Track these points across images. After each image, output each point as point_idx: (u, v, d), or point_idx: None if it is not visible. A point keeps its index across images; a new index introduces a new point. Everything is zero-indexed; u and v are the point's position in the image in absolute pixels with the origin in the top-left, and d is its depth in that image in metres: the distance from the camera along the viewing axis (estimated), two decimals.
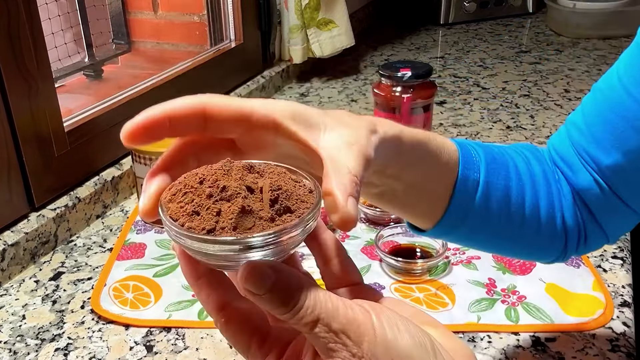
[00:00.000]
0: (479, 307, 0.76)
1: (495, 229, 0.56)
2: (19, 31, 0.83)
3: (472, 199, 0.53)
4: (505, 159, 0.57)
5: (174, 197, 0.37)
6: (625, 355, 0.69)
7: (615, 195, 0.57)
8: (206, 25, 1.38)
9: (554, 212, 0.58)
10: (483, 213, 0.54)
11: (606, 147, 0.56)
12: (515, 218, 0.56)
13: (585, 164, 0.57)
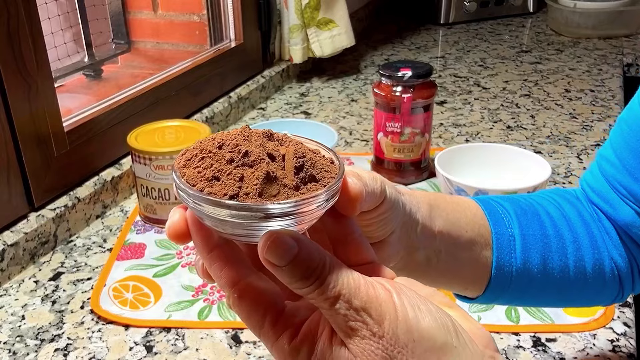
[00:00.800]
0: (480, 307, 0.76)
1: (540, 285, 0.55)
2: (18, 31, 0.83)
3: (512, 258, 0.52)
4: (535, 208, 0.56)
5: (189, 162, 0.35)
6: (626, 356, 0.69)
7: None
8: (206, 25, 1.37)
9: (601, 255, 0.56)
10: (526, 270, 0.53)
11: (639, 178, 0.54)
12: (559, 269, 0.54)
13: (623, 197, 0.55)
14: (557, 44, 1.83)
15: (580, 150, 1.17)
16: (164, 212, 0.94)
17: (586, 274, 0.55)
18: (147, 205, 0.94)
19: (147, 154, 0.90)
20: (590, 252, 0.55)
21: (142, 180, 0.93)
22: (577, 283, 0.55)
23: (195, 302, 0.78)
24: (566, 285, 0.55)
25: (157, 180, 0.92)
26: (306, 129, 1.15)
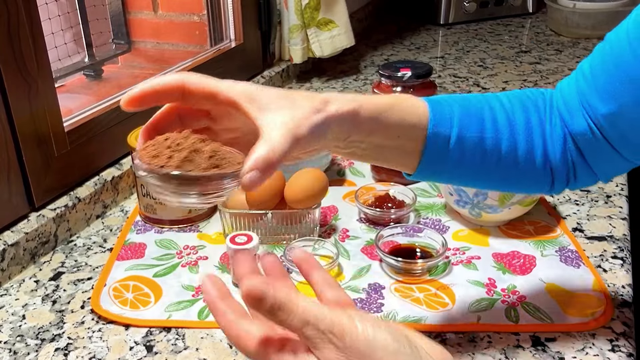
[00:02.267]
0: (479, 307, 0.76)
1: (474, 175, 0.64)
2: (18, 31, 0.83)
3: (444, 152, 0.60)
4: (481, 110, 0.63)
5: (145, 148, 0.52)
6: (625, 356, 0.69)
7: (606, 140, 0.61)
8: (206, 25, 1.38)
9: (534, 156, 0.63)
10: (458, 163, 0.61)
11: (604, 97, 0.60)
12: (492, 165, 0.62)
13: (584, 110, 0.62)
14: (556, 44, 1.83)
15: None
16: (164, 212, 0.94)
17: (518, 165, 0.63)
18: (147, 206, 0.94)
19: None
20: (524, 149, 0.62)
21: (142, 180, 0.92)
22: (509, 173, 0.63)
23: (196, 302, 0.79)
24: (497, 174, 0.63)
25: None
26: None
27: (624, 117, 0.59)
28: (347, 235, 0.92)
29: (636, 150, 0.62)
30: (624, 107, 0.59)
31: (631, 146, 0.61)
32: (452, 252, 0.87)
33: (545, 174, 0.64)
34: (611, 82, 0.59)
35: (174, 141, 0.51)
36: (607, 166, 0.64)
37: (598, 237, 0.90)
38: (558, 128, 0.63)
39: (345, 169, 1.13)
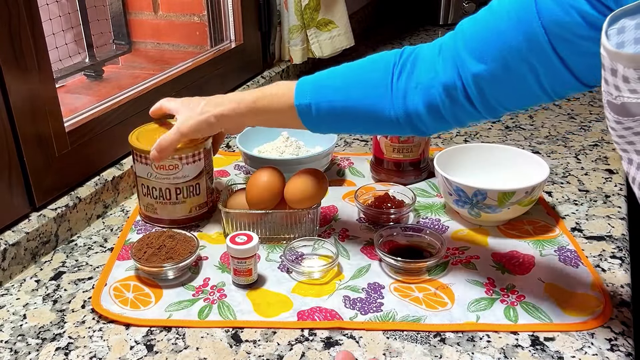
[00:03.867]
0: (478, 306, 0.77)
1: (341, 128, 0.83)
2: (20, 32, 0.83)
3: (311, 117, 0.81)
4: (335, 80, 0.80)
5: (138, 241, 0.86)
6: (624, 355, 0.69)
7: (466, 95, 0.71)
8: (206, 26, 1.38)
9: (380, 108, 0.76)
10: (325, 122, 0.81)
11: (476, 57, 0.68)
12: (349, 120, 0.79)
13: (457, 66, 0.70)
14: None
15: (578, 150, 1.18)
16: (165, 211, 0.94)
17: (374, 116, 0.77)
18: (147, 205, 0.95)
19: (148, 154, 0.90)
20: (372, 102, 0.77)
21: (143, 180, 0.93)
22: (370, 125, 0.80)
23: (196, 302, 0.79)
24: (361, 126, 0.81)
25: (158, 180, 0.92)
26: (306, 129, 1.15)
27: (489, 81, 0.68)
28: (346, 235, 0.93)
29: (491, 110, 0.71)
30: (492, 71, 0.67)
31: (488, 106, 0.71)
32: (451, 251, 0.87)
33: (394, 122, 0.77)
34: (485, 45, 0.67)
35: (150, 240, 0.85)
36: (463, 116, 0.74)
37: (597, 237, 0.90)
38: (402, 82, 0.75)
39: (345, 169, 1.13)
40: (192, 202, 0.94)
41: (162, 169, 0.90)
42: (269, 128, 1.14)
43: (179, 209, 0.94)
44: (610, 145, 1.19)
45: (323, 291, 0.80)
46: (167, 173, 0.91)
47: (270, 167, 0.91)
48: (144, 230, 0.95)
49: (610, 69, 0.54)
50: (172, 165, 0.90)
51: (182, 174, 0.91)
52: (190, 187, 0.93)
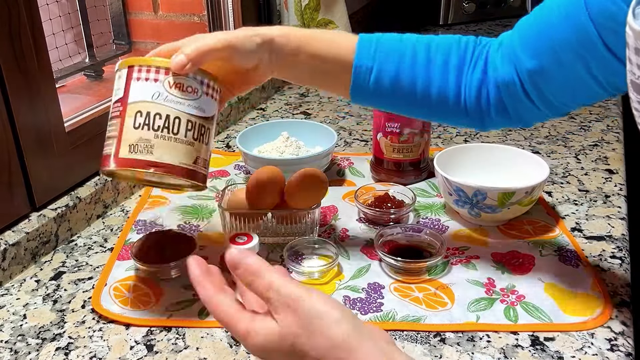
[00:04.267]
0: (478, 306, 0.77)
1: (396, 105, 0.76)
2: (19, 32, 0.83)
3: (366, 83, 0.73)
4: (405, 49, 0.73)
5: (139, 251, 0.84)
6: (624, 355, 0.69)
7: (524, 91, 0.71)
8: (206, 26, 1.38)
9: (446, 93, 0.73)
10: (379, 93, 0.74)
11: (530, 54, 0.68)
12: (408, 98, 0.74)
13: (513, 62, 0.71)
14: None
15: (578, 150, 1.18)
16: (165, 151, 0.68)
17: (431, 98, 0.74)
18: (139, 142, 0.68)
19: (164, 68, 0.69)
20: (438, 86, 0.73)
21: (142, 105, 0.68)
22: (426, 103, 0.74)
23: (196, 302, 0.79)
24: (415, 103, 0.75)
25: (167, 104, 0.68)
26: (306, 129, 1.15)
27: (544, 76, 0.68)
28: (346, 235, 0.93)
29: (551, 106, 0.71)
30: (545, 66, 0.67)
31: (547, 103, 0.71)
32: (452, 251, 0.87)
33: (458, 111, 0.74)
34: (538, 41, 0.68)
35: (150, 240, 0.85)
36: (526, 114, 0.73)
37: (597, 237, 0.90)
38: (478, 73, 0.73)
39: (345, 169, 1.13)
40: (199, 149, 0.70)
41: (179, 88, 0.68)
42: (269, 128, 1.15)
43: (184, 152, 0.69)
44: (610, 145, 1.19)
45: (323, 291, 0.80)
46: (182, 96, 0.69)
47: (270, 167, 0.91)
48: (144, 230, 0.95)
49: (634, 48, 0.53)
50: (192, 88, 0.69)
51: (198, 105, 0.70)
52: (202, 128, 0.70)
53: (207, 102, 0.70)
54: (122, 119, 0.68)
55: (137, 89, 0.68)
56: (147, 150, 0.67)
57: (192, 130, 0.69)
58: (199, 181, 0.71)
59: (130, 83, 0.69)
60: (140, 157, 0.67)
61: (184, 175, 0.69)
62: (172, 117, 0.68)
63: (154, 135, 0.67)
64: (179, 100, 0.68)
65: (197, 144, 0.70)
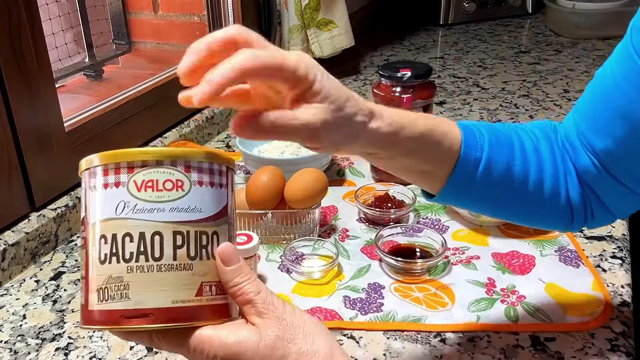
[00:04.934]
0: (479, 306, 0.77)
1: (496, 204, 0.62)
2: (19, 31, 0.83)
3: (472, 176, 0.59)
4: (510, 138, 0.61)
5: None
6: (624, 355, 0.69)
7: (611, 176, 0.60)
8: (206, 26, 1.38)
9: (559, 189, 0.62)
10: (484, 188, 0.59)
11: (599, 133, 0.60)
12: (518, 194, 0.61)
13: (583, 146, 0.61)
14: (555, 44, 1.83)
15: None
16: (149, 289, 0.45)
17: (543, 198, 0.62)
18: (107, 283, 0.45)
19: (125, 163, 0.47)
20: (550, 182, 0.61)
21: (105, 226, 0.46)
22: (532, 203, 0.62)
23: None
24: (521, 203, 0.62)
25: (142, 217, 0.45)
26: None
27: (621, 152, 0.59)
28: (347, 235, 0.93)
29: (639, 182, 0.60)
30: (619, 142, 0.58)
31: (637, 179, 0.60)
32: (452, 252, 0.87)
33: (565, 211, 0.63)
34: (602, 119, 0.59)
35: None
36: (620, 202, 0.63)
37: (597, 237, 0.90)
38: (570, 164, 0.63)
39: (345, 169, 1.13)
40: (205, 270, 0.47)
41: (152, 188, 0.46)
42: None
43: (176, 283, 0.46)
44: None
45: (323, 291, 0.80)
46: (158, 199, 0.46)
47: (270, 167, 0.91)
48: None
49: None
50: (173, 182, 0.46)
51: (187, 204, 0.46)
52: (202, 237, 0.47)
53: (204, 194, 0.47)
54: (86, 251, 0.47)
55: (94, 203, 0.47)
56: (121, 294, 0.45)
57: (184, 245, 0.46)
58: (214, 319, 0.47)
59: (87, 196, 0.49)
60: (112, 306, 0.45)
61: (186, 319, 0.46)
62: (149, 235, 0.45)
63: (126, 269, 0.45)
64: (155, 206, 0.46)
65: (198, 264, 0.46)
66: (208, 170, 0.48)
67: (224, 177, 0.49)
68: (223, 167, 0.49)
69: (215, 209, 0.48)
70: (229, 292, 0.48)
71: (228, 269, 0.47)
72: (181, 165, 0.46)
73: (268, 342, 0.47)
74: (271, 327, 0.47)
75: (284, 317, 0.48)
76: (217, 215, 0.48)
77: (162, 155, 0.46)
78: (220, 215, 0.48)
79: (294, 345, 0.47)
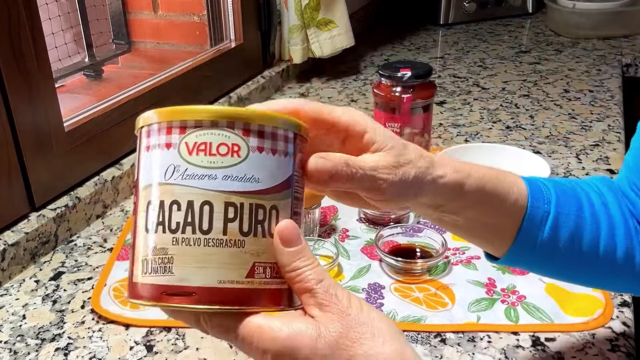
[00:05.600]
0: (479, 307, 0.77)
1: (566, 262, 0.56)
2: (19, 31, 0.83)
3: (540, 232, 0.54)
4: (577, 192, 0.57)
5: None
6: (624, 355, 0.69)
7: None
8: (206, 25, 1.38)
9: (633, 250, 0.57)
10: (552, 245, 0.55)
11: None
12: (588, 252, 0.56)
13: (636, 207, 0.59)
14: (556, 44, 1.83)
15: (579, 150, 1.18)
16: (195, 265, 0.41)
17: (616, 258, 0.57)
18: (151, 255, 0.42)
19: (178, 122, 0.43)
20: (623, 240, 0.57)
21: (152, 191, 0.42)
22: (604, 263, 0.57)
23: None
24: (592, 263, 0.57)
25: (192, 184, 0.41)
26: None
27: None
28: (347, 235, 0.92)
29: None
30: None
31: None
32: (452, 252, 0.87)
33: None
34: None
35: None
36: None
37: None
38: (635, 220, 0.59)
39: None
40: (257, 249, 0.42)
41: (205, 151, 0.41)
42: None
43: (225, 261, 0.41)
44: (611, 145, 1.19)
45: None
46: (211, 164, 0.41)
47: None
48: None
49: None
50: (228, 146, 0.42)
51: (244, 172, 0.42)
52: (257, 211, 0.42)
53: (264, 162, 0.42)
54: (135, 218, 0.44)
55: (146, 166, 0.43)
56: (164, 267, 0.41)
57: (236, 219, 0.41)
58: (267, 306, 0.42)
59: (140, 157, 0.44)
60: (155, 280, 0.41)
61: (234, 303, 0.41)
62: (197, 204, 0.41)
63: (172, 240, 0.41)
64: (206, 172, 0.41)
65: (251, 241, 0.41)
66: (271, 135, 0.42)
67: (290, 144, 0.43)
68: (290, 133, 0.43)
69: (276, 181, 0.43)
70: (286, 277, 0.42)
71: (287, 250, 0.41)
72: (239, 127, 0.41)
73: (329, 339, 0.40)
74: (333, 323, 0.41)
75: (349, 312, 0.41)
76: (278, 188, 0.43)
77: (218, 114, 0.41)
78: (281, 187, 0.43)
79: (359, 346, 0.41)
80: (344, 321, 0.41)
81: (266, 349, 0.40)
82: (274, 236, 0.42)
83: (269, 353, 0.40)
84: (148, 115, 0.44)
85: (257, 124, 0.42)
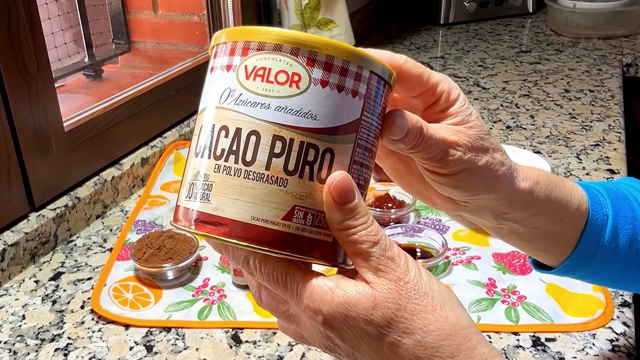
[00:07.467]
0: (479, 307, 0.76)
1: (625, 266, 0.54)
2: (19, 31, 0.83)
3: (601, 236, 0.52)
4: (625, 195, 0.55)
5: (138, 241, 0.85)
6: (625, 355, 0.69)
7: None
8: (206, 25, 1.38)
9: None
10: (612, 250, 0.53)
11: None
12: None
13: None
14: (556, 44, 1.83)
15: (579, 150, 1.18)
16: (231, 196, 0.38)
17: None
18: (194, 179, 0.40)
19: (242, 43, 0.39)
20: None
21: (207, 115, 0.41)
22: None
23: (195, 302, 0.79)
24: None
25: (243, 110, 0.38)
26: None
27: None
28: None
29: None
30: None
31: None
32: (452, 252, 0.87)
33: None
34: None
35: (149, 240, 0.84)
36: None
37: None
38: None
39: None
40: (300, 192, 0.38)
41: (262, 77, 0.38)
42: None
43: (262, 197, 0.38)
44: (611, 145, 1.19)
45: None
46: (266, 92, 0.38)
47: None
48: (143, 230, 0.94)
49: None
50: (287, 74, 0.38)
51: (300, 105, 0.38)
52: (308, 151, 0.38)
53: (325, 98, 0.38)
54: (192, 140, 0.42)
55: (207, 88, 0.42)
56: (203, 193, 0.39)
57: (282, 154, 0.38)
58: (303, 254, 0.39)
59: (205, 79, 0.42)
60: (192, 205, 0.39)
61: (264, 242, 0.38)
62: (245, 133, 0.38)
63: (214, 167, 0.39)
64: (260, 100, 0.38)
65: (294, 182, 0.38)
66: (340, 68, 0.38)
67: (364, 84, 0.39)
68: (365, 72, 0.39)
69: (337, 121, 0.38)
70: (336, 235, 0.38)
71: (338, 205, 0.37)
72: (304, 55, 0.37)
73: (386, 312, 0.37)
74: (390, 293, 0.37)
75: (407, 279, 0.38)
76: (338, 130, 0.38)
77: (283, 38, 0.38)
78: (343, 130, 0.38)
79: (420, 319, 0.37)
80: (403, 290, 0.37)
81: (318, 309, 0.37)
82: (324, 187, 0.38)
83: (320, 314, 0.37)
84: (218, 34, 0.41)
85: (325, 54, 0.38)
